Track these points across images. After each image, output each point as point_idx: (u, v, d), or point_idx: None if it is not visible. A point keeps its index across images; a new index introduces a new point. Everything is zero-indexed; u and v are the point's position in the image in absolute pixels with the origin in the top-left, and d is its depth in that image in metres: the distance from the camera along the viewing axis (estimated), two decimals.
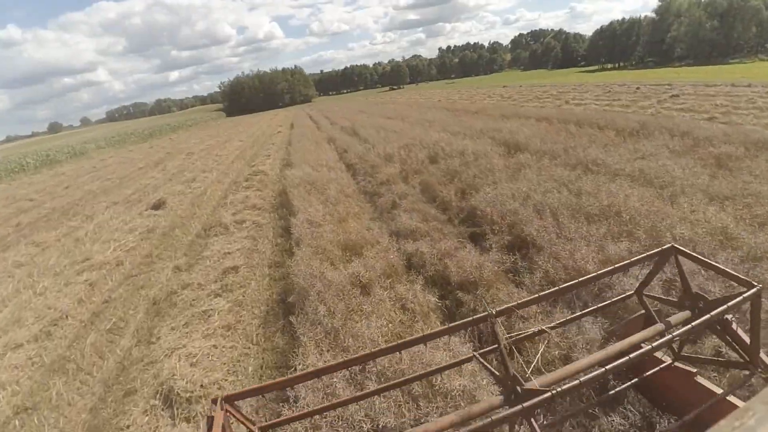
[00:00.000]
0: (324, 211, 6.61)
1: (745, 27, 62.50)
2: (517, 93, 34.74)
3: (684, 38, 67.19)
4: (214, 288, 5.31)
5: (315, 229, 5.66)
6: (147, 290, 5.83)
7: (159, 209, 10.03)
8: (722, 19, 63.47)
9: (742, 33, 62.93)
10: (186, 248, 7.12)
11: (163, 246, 7.46)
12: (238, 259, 6.15)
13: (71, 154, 40.43)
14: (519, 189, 6.17)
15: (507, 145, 10.11)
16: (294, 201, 7.46)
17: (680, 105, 16.69)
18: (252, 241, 6.85)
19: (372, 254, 4.81)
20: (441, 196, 7.19)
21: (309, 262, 4.63)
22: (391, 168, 9.24)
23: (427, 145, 10.97)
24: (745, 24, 62.34)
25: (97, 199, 13.59)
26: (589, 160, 7.83)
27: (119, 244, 7.86)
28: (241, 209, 8.67)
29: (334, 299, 3.80)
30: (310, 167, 10.31)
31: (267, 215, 8.25)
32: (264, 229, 7.41)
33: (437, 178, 8.10)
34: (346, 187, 8.25)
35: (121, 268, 6.80)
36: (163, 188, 12.95)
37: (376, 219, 6.92)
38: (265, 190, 10.38)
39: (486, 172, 7.59)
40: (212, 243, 7.05)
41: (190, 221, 8.62)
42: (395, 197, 7.39)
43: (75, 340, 4.96)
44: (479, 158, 8.72)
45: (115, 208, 11.47)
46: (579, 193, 5.93)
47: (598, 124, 11.84)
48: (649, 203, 5.32)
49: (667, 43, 69.87)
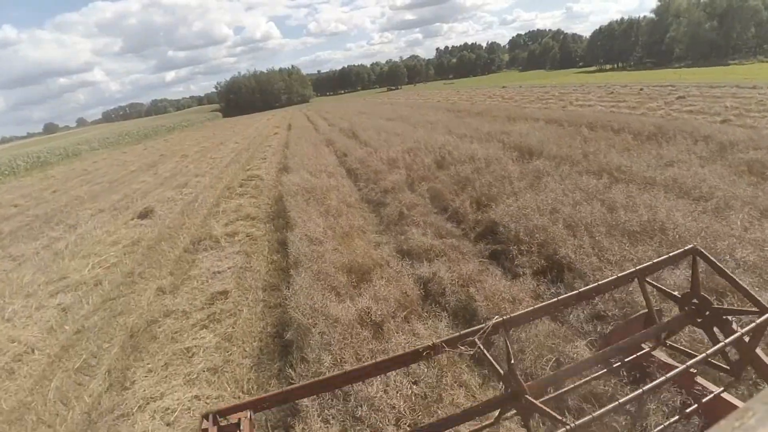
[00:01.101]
0: (324, 224, 5.94)
1: (744, 27, 62.35)
2: (518, 94, 34.16)
3: (683, 39, 67.02)
4: (200, 317, 4.63)
5: (315, 248, 4.99)
6: (125, 318, 5.13)
7: (146, 218, 9.32)
8: (721, 19, 63.32)
9: (740, 33, 62.76)
10: (172, 265, 6.43)
11: (147, 262, 6.76)
12: (228, 280, 5.47)
13: (63, 156, 39.57)
14: (544, 201, 5.52)
15: (519, 149, 9.48)
16: (291, 212, 6.79)
17: (689, 107, 16.15)
18: (245, 258, 6.17)
19: (382, 280, 4.15)
20: (453, 207, 6.54)
21: (309, 291, 3.96)
22: (396, 174, 8.58)
23: (433, 149, 10.32)
24: (743, 24, 62.18)
25: (84, 205, 12.85)
26: (613, 166, 7.21)
27: (100, 260, 7.16)
28: (233, 219, 7.98)
29: (340, 344, 3.14)
30: (308, 173, 9.64)
31: (262, 226, 7.57)
32: (258, 243, 6.73)
33: (447, 186, 7.45)
34: (347, 196, 7.58)
35: (99, 288, 6.11)
36: (152, 194, 12.24)
37: (382, 232, 6.27)
38: (260, 197, 9.70)
39: (501, 180, 6.94)
40: (201, 259, 6.37)
41: (179, 232, 7.92)
42: (402, 207, 6.73)
43: (39, 382, 4.27)
44: (491, 164, 8.08)
45: (101, 216, 10.75)
46: (612, 206, 5.30)
47: (612, 126, 11.25)
48: (695, 218, 4.70)
49: (666, 43, 69.64)
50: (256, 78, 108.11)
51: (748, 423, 0.42)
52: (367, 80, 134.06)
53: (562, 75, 69.74)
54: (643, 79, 36.18)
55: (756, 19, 60.89)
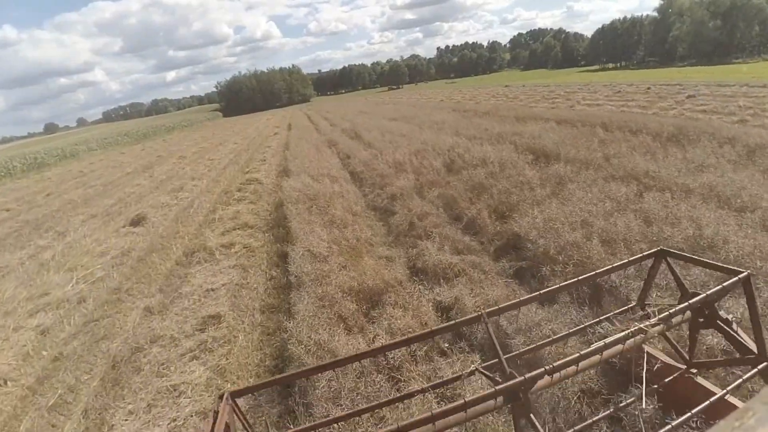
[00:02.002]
0: (329, 237, 5.41)
1: (748, 26, 61.78)
2: (522, 93, 33.60)
3: (686, 38, 66.43)
4: (190, 345, 4.11)
5: (319, 266, 4.46)
6: (108, 343, 4.61)
7: (138, 225, 8.80)
8: (725, 18, 62.75)
9: (744, 32, 62.17)
10: (162, 280, 5.91)
11: (135, 277, 6.24)
12: (222, 299, 4.95)
13: (61, 157, 39.02)
14: (572, 212, 4.99)
15: (533, 151, 8.94)
16: (292, 222, 6.25)
17: (701, 106, 15.61)
18: (241, 273, 5.64)
19: (396, 307, 3.62)
20: (468, 216, 6.00)
21: (313, 321, 3.43)
22: (404, 179, 8.05)
23: (442, 151, 9.79)
24: (747, 23, 61.62)
25: (76, 210, 12.34)
26: (640, 172, 6.67)
27: (86, 273, 6.64)
28: (230, 228, 7.46)
29: (351, 394, 2.60)
30: (310, 177, 9.11)
31: (260, 236, 7.04)
32: (256, 256, 6.21)
33: (460, 193, 6.92)
34: (352, 203, 7.05)
35: (82, 307, 5.58)
36: (147, 198, 11.72)
37: (391, 245, 5.73)
38: (258, 203, 9.17)
39: (520, 187, 6.41)
40: (194, 274, 5.85)
41: (172, 242, 7.40)
42: (412, 216, 6.21)
43: (8, 423, 3.75)
44: (506, 168, 7.55)
45: (92, 222, 10.23)
46: (649, 217, 4.77)
47: (629, 127, 10.69)
48: (746, 234, 4.17)
49: (669, 42, 69.03)
50: (257, 77, 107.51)
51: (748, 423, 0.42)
52: (367, 80, 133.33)
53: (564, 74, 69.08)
54: (648, 78, 35.61)
55: (760, 17, 60.26)
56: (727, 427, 0.42)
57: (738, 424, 0.42)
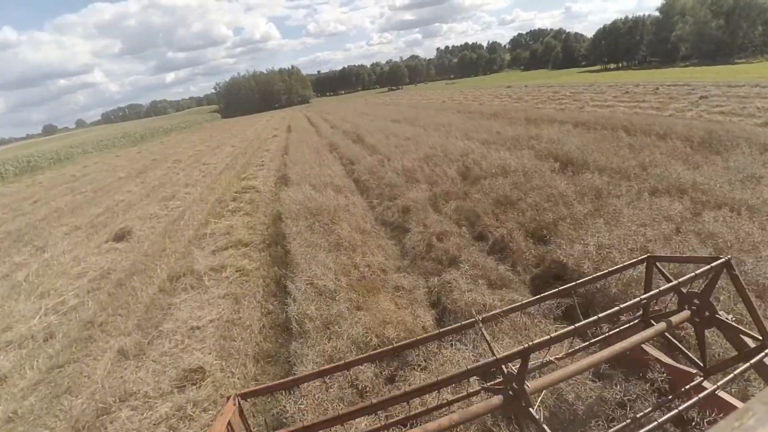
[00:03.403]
0: (335, 265, 4.61)
1: (751, 26, 61.31)
2: (526, 94, 32.85)
3: (689, 37, 65.95)
4: (166, 411, 3.30)
5: (326, 308, 3.67)
6: (71, 400, 3.80)
7: (122, 241, 8.00)
8: (728, 17, 62.30)
9: (747, 32, 61.70)
10: (142, 312, 5.10)
11: (113, 306, 5.43)
12: (209, 342, 4.14)
13: (55, 160, 38.21)
14: (625, 235, 4.19)
15: (556, 158, 8.15)
16: (292, 243, 5.43)
17: (718, 108, 14.87)
18: (233, 305, 4.84)
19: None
20: (496, 236, 5.21)
21: (319, 395, 2.63)
22: (416, 190, 7.26)
23: (454, 157, 9.01)
24: (750, 23, 61.16)
25: (61, 220, 11.53)
26: (685, 183, 5.87)
27: (58, 302, 5.83)
28: (222, 246, 6.66)
29: None
30: (311, 186, 8.32)
31: (256, 256, 6.24)
32: (251, 281, 5.40)
33: (481, 206, 6.13)
34: (360, 219, 6.25)
35: (49, 346, 4.78)
36: (135, 208, 10.91)
37: (407, 270, 4.93)
38: (255, 215, 8.37)
39: (554, 201, 5.62)
40: (178, 305, 5.05)
41: (156, 262, 6.59)
42: (430, 236, 5.42)
43: None
44: (532, 178, 6.76)
45: (75, 235, 9.42)
46: (718, 244, 3.98)
47: (654, 131, 9.91)
48: None
49: (671, 42, 68.48)
50: (256, 78, 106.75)
51: (747, 423, 0.42)
52: (367, 80, 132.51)
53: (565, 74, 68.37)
54: (653, 78, 34.97)
55: (763, 17, 59.72)
56: (727, 427, 0.42)
57: (738, 424, 0.42)
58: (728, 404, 2.11)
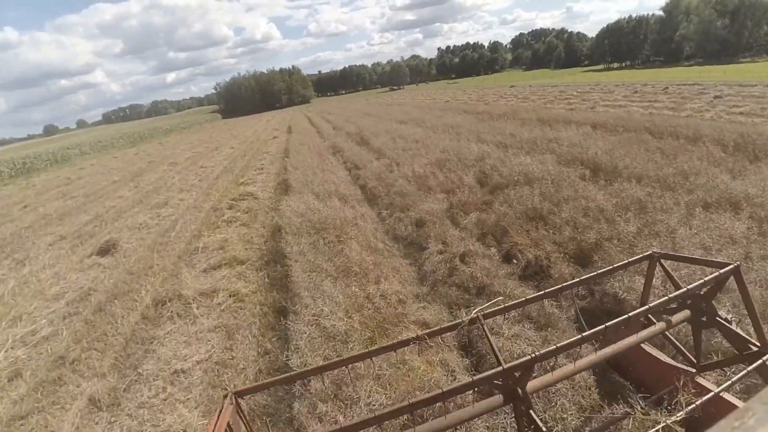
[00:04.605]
0: (345, 297, 3.90)
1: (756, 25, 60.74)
2: (532, 93, 32.14)
3: (693, 37, 65.39)
4: None
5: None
6: None
7: (107, 255, 7.30)
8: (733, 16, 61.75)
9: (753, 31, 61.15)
10: (121, 347, 4.41)
11: (88, 338, 4.73)
12: (195, 394, 3.44)
13: (52, 162, 37.51)
14: None
15: (582, 163, 7.45)
16: (294, 267, 4.71)
17: (735, 108, 14.19)
18: (224, 341, 4.14)
19: None
20: (530, 257, 4.50)
21: None
22: (431, 200, 6.56)
23: (470, 162, 8.30)
24: (755, 22, 60.60)
25: (48, 228, 10.85)
26: (737, 195, 5.16)
27: (28, 331, 5.13)
28: (215, 263, 5.96)
29: None
30: (314, 195, 7.62)
31: (252, 276, 5.54)
32: (246, 309, 4.69)
33: (507, 219, 5.43)
34: (371, 235, 5.54)
35: (12, 389, 4.08)
36: (125, 216, 10.21)
37: (428, 299, 4.23)
38: (252, 226, 7.67)
39: (593, 216, 4.91)
40: (162, 339, 4.35)
41: (142, 283, 5.90)
42: (452, 256, 4.72)
43: None
44: (561, 187, 6.05)
45: (59, 246, 8.73)
46: None
47: (683, 134, 9.20)
48: None
49: (675, 41, 67.86)
50: (256, 78, 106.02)
51: (747, 423, 0.42)
52: (368, 80, 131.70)
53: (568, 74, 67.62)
54: (659, 78, 34.32)
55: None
56: (727, 427, 0.42)
57: (738, 424, 0.42)
58: (728, 404, 2.08)
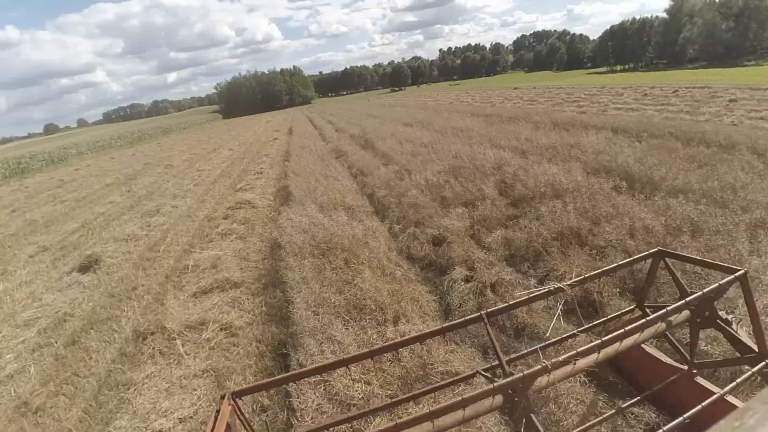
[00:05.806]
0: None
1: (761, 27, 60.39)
2: (537, 95, 31.48)
3: (697, 39, 65.04)
4: None
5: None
6: None
7: (89, 272, 6.60)
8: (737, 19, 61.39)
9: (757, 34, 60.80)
10: (92, 392, 3.71)
11: (58, 380, 4.04)
12: None
13: (48, 162, 36.79)
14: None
15: (609, 173, 6.77)
16: (297, 299, 3.99)
17: (755, 112, 13.58)
18: (213, 390, 3.45)
19: None
20: (580, 290, 3.82)
21: None
22: (450, 215, 5.86)
23: (487, 170, 7.61)
24: (760, 24, 60.24)
25: (32, 237, 10.16)
26: None
27: None
28: (206, 286, 5.26)
29: None
30: (317, 206, 6.93)
31: (248, 302, 4.84)
32: (239, 348, 3.99)
33: (543, 241, 4.74)
34: (384, 258, 4.83)
35: None
36: (113, 224, 9.52)
37: (455, 340, 3.54)
38: (249, 239, 6.97)
39: (640, 237, 4.23)
40: (140, 385, 3.65)
41: (123, 308, 5.20)
42: (481, 286, 4.04)
43: None
44: (597, 201, 5.36)
45: (40, 259, 8.04)
46: None
47: (714, 141, 8.52)
48: None
49: (679, 44, 67.44)
50: (257, 79, 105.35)
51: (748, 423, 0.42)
52: (369, 81, 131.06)
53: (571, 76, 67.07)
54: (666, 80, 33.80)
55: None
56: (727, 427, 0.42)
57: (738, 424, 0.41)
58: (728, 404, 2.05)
